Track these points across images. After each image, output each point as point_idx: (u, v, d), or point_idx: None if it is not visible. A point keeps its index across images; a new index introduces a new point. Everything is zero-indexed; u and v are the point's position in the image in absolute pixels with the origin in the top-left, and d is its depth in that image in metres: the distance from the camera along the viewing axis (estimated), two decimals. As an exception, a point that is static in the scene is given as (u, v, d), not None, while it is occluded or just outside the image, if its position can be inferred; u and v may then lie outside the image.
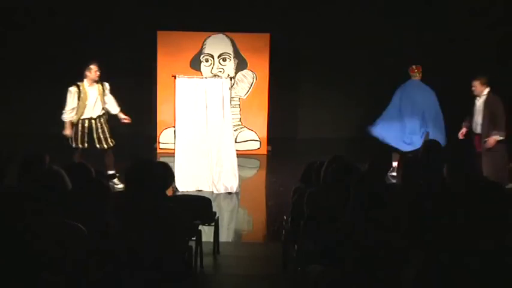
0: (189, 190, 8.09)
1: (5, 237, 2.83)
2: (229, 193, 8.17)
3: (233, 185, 8.19)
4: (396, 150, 8.86)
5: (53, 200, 2.99)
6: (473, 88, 7.90)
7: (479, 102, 7.93)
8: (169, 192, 7.19)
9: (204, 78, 8.60)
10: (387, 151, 8.87)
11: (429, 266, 3.35)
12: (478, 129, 7.94)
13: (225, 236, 6.62)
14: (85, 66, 7.96)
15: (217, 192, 8.13)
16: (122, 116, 8.38)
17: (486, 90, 7.85)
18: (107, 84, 8.18)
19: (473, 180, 3.50)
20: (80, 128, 8.02)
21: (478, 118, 7.91)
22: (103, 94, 8.10)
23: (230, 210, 7.86)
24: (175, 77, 8.18)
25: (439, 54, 11.26)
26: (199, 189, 8.19)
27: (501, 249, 3.19)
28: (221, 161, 8.16)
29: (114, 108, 8.31)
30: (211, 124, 8.13)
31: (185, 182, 8.13)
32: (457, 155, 6.71)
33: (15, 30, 11.05)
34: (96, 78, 8.00)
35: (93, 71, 7.93)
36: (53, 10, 11.01)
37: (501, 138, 7.57)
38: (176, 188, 8.04)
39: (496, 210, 3.29)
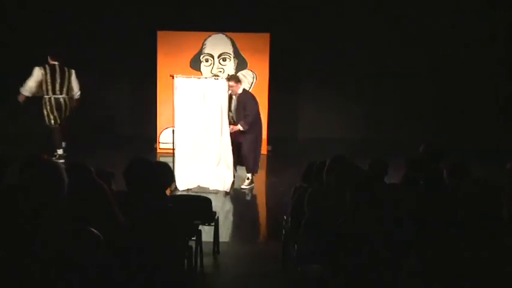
0: (189, 188, 8.11)
1: (3, 234, 2.83)
2: (227, 193, 8.18)
3: (229, 185, 8.21)
4: None
5: (50, 193, 2.96)
6: (232, 87, 8.24)
7: (235, 100, 8.38)
8: (169, 191, 7.24)
9: (201, 78, 8.60)
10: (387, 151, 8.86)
11: (429, 265, 3.35)
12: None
13: (225, 236, 6.62)
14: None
15: (213, 190, 8.14)
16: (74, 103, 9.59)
17: (241, 89, 8.38)
18: (73, 71, 9.42)
19: (473, 181, 3.50)
20: (49, 107, 9.33)
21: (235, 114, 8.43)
22: (68, 79, 9.33)
23: (230, 210, 7.87)
24: (173, 77, 8.17)
25: (439, 54, 11.28)
26: (199, 187, 8.19)
27: (501, 250, 3.19)
28: (219, 160, 8.18)
29: (75, 91, 9.53)
30: (209, 123, 8.13)
31: (185, 181, 8.13)
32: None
33: (16, 30, 11.05)
34: (53, 63, 9.27)
35: (49, 58, 9.33)
36: (53, 10, 11.02)
37: (242, 129, 8.24)
38: (176, 187, 8.05)
39: (495, 210, 3.30)
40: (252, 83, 10.70)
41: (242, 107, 8.30)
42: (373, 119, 11.78)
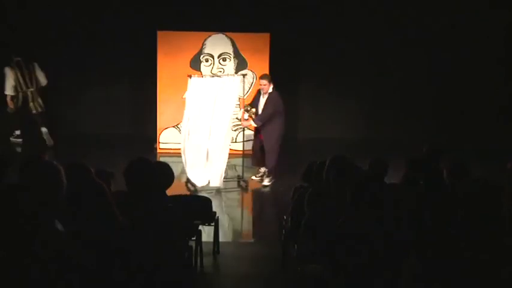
0: (203, 185, 8.17)
1: (3, 234, 2.83)
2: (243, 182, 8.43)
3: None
4: None
5: (50, 193, 2.96)
6: (264, 86, 8.51)
7: (264, 98, 8.55)
8: (181, 188, 7.40)
9: (216, 77, 8.80)
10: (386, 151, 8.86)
11: (429, 266, 3.35)
12: None
13: (225, 236, 6.62)
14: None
15: (216, 186, 8.16)
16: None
17: (271, 88, 8.54)
18: (35, 64, 9.95)
19: (473, 181, 3.50)
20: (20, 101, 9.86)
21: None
22: (34, 72, 9.87)
23: (230, 210, 7.87)
24: (190, 76, 8.37)
25: (439, 54, 11.27)
26: (211, 184, 8.22)
27: (501, 250, 3.19)
28: (223, 157, 8.23)
29: (43, 81, 10.04)
30: (219, 122, 8.20)
31: (199, 177, 8.15)
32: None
33: (16, 30, 11.03)
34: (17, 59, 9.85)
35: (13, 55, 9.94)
36: (53, 10, 11.00)
37: (254, 124, 8.56)
38: (193, 184, 8.07)
39: (495, 210, 3.30)
40: (252, 83, 10.69)
41: (267, 106, 8.47)
42: (373, 119, 11.77)
